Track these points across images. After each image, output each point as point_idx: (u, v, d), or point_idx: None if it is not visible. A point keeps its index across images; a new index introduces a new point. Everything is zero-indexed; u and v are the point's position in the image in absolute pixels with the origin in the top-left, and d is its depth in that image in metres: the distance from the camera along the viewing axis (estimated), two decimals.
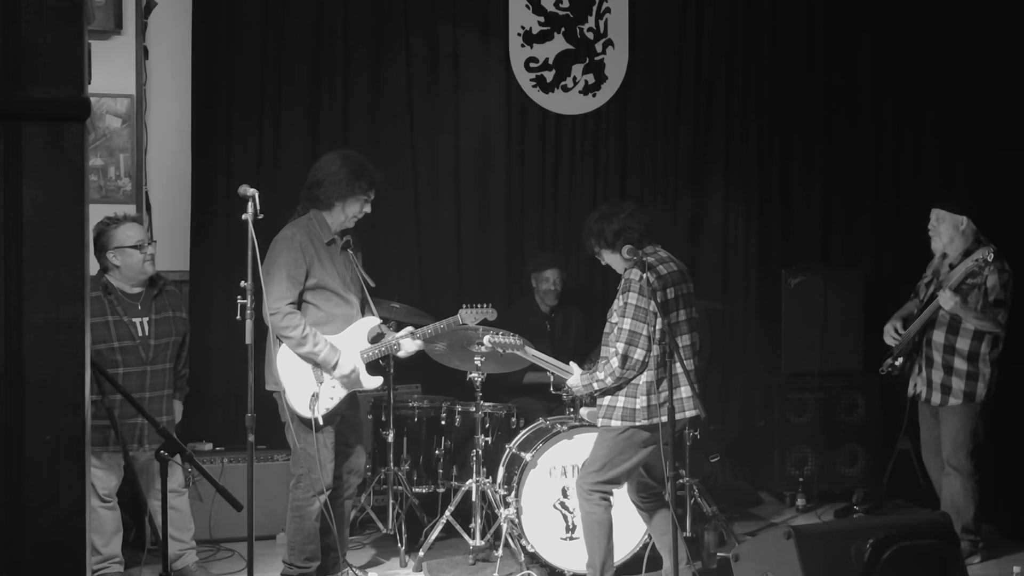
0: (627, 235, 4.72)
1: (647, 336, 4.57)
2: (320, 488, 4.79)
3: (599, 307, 6.82)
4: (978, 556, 5.51)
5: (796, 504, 6.59)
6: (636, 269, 4.60)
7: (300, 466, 4.82)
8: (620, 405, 4.63)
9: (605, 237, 4.77)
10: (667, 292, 4.64)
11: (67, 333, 2.32)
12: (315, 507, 4.83)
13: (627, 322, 4.58)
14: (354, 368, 4.82)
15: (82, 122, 2.35)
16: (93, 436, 4.47)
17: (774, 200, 7.15)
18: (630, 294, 4.61)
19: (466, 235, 6.79)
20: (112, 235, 4.92)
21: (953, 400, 5.53)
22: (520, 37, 6.77)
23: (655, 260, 4.70)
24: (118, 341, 4.89)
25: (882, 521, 5.66)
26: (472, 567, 5.43)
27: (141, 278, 5.00)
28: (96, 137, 6.06)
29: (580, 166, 6.93)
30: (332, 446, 4.85)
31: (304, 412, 4.76)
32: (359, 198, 4.88)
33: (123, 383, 4.71)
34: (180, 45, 6.30)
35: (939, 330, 5.54)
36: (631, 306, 4.59)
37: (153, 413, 4.82)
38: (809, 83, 7.13)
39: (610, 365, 4.61)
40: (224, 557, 5.66)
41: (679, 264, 4.84)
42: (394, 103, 6.63)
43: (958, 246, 5.54)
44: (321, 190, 4.86)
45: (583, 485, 4.78)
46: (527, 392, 6.22)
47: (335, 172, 4.84)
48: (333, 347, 4.78)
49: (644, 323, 4.57)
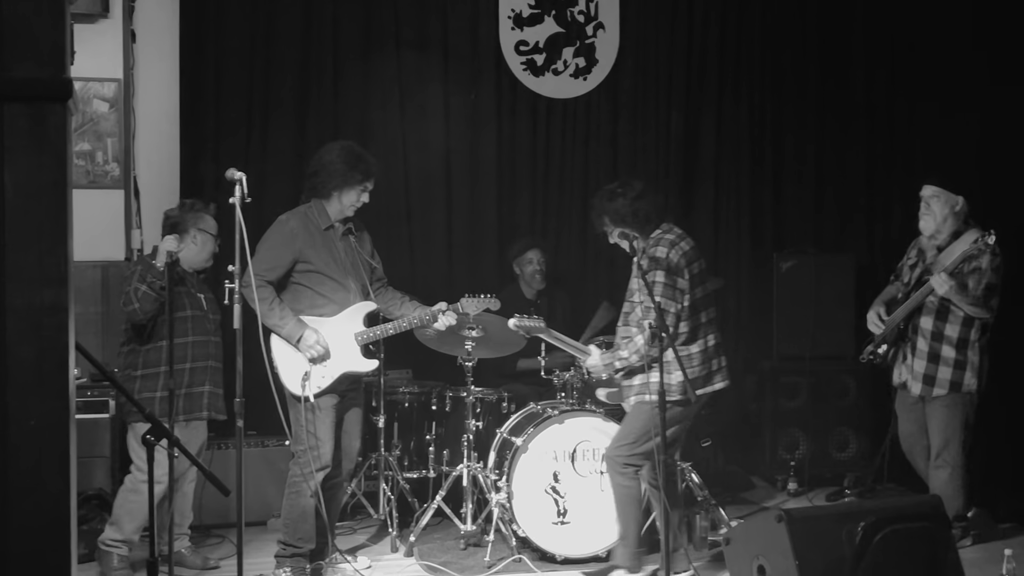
0: (642, 214, 4.77)
1: (675, 313, 4.63)
2: (319, 465, 4.86)
3: (588, 290, 6.85)
4: (969, 539, 5.49)
5: (787, 488, 6.59)
6: (662, 247, 4.67)
7: (300, 443, 4.89)
8: (653, 381, 4.59)
9: (622, 215, 4.80)
10: (692, 267, 4.73)
11: (50, 316, 2.30)
12: (313, 483, 4.87)
13: (657, 300, 4.56)
14: (319, 344, 4.85)
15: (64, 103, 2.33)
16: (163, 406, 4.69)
17: (766, 184, 7.13)
18: (658, 272, 4.65)
19: (457, 219, 6.77)
20: (202, 217, 5.19)
21: (938, 390, 5.38)
22: (511, 20, 6.74)
23: (675, 237, 4.79)
24: (190, 310, 5.14)
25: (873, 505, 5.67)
26: (463, 552, 5.42)
27: (205, 264, 5.30)
28: (83, 122, 6.02)
29: (571, 149, 6.91)
30: (331, 424, 4.93)
31: (296, 390, 4.86)
32: (355, 188, 4.98)
33: (192, 351, 5.09)
34: (168, 29, 6.27)
35: (927, 316, 5.39)
36: (659, 284, 4.63)
37: (214, 384, 5.19)
38: (801, 67, 7.10)
39: (635, 343, 4.66)
40: (214, 543, 5.63)
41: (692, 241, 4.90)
42: (384, 87, 6.60)
43: (949, 226, 5.39)
44: (319, 179, 4.99)
45: (616, 459, 4.82)
46: (518, 377, 6.21)
47: (331, 162, 4.97)
48: (299, 322, 4.87)
49: (672, 300, 4.62)
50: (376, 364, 5.14)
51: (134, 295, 4.92)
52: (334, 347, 4.93)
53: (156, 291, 4.87)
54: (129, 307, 4.95)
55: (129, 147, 6.17)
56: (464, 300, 5.20)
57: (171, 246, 5.02)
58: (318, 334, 4.86)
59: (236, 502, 4.17)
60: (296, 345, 4.85)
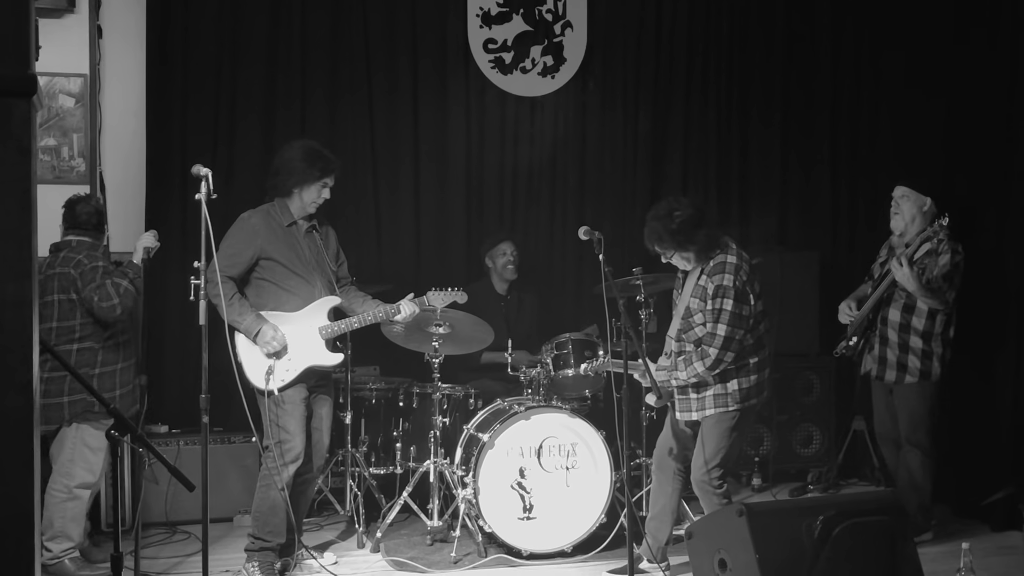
0: (703, 239, 4.69)
1: (739, 340, 4.64)
2: (291, 457, 4.90)
3: (556, 288, 6.88)
4: (930, 533, 5.58)
5: (752, 483, 6.66)
6: (728, 275, 4.63)
7: (271, 437, 4.90)
8: (733, 389, 4.70)
9: (681, 241, 4.70)
10: (755, 288, 4.72)
11: (13, 311, 2.29)
12: (285, 475, 4.90)
13: (722, 328, 4.61)
14: (275, 340, 4.88)
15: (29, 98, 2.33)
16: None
17: (732, 182, 7.17)
18: (726, 300, 4.63)
19: (425, 216, 6.77)
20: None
21: (909, 378, 5.54)
22: (479, 18, 6.75)
23: (737, 260, 4.70)
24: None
25: (832, 499, 5.77)
26: (430, 547, 5.45)
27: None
28: (49, 117, 5.98)
29: (539, 148, 6.93)
30: (301, 417, 4.96)
31: (260, 384, 4.89)
32: (315, 184, 5.05)
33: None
34: (135, 24, 6.23)
35: (894, 308, 5.55)
36: (726, 312, 4.63)
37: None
38: (768, 66, 7.15)
39: (694, 368, 4.67)
40: (180, 539, 5.63)
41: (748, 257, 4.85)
42: (352, 84, 6.59)
43: (918, 226, 5.55)
44: (280, 178, 5.08)
45: (710, 483, 4.76)
46: (486, 373, 6.23)
47: (291, 160, 5.06)
48: (258, 317, 4.91)
49: (738, 328, 4.63)
50: (341, 358, 5.16)
51: (114, 290, 4.86)
52: (298, 342, 4.95)
53: (137, 288, 4.87)
54: (108, 303, 4.87)
55: (95, 143, 6.13)
56: (431, 294, 5.27)
57: (148, 242, 5.00)
58: (276, 330, 4.90)
59: (202, 498, 4.18)
60: (254, 340, 4.89)
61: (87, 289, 4.90)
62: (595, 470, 5.37)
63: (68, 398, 4.93)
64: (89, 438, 4.98)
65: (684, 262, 4.79)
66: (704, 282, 4.68)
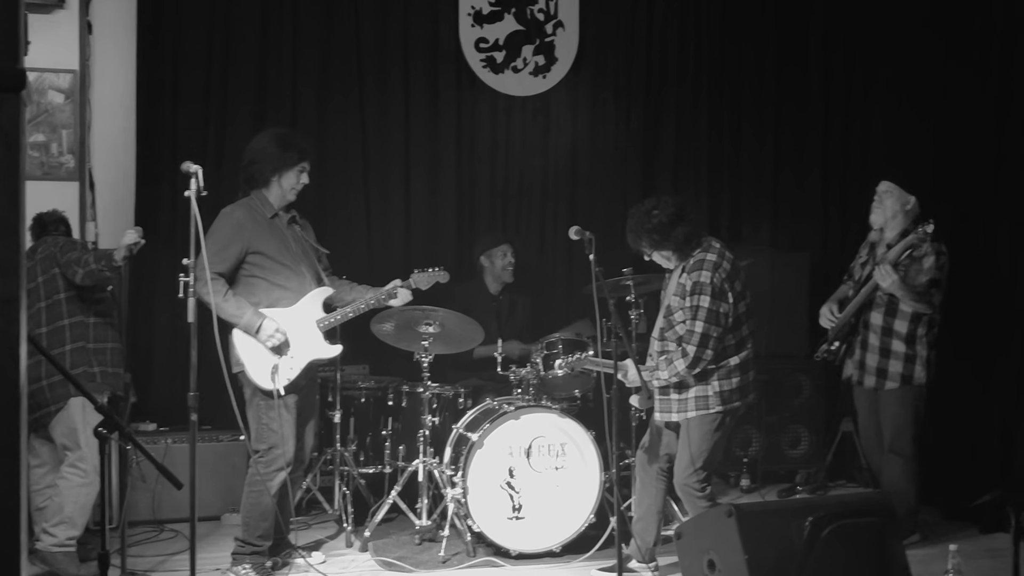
0: (682, 236, 4.66)
1: (717, 337, 4.60)
2: (282, 464, 4.84)
3: (546, 285, 6.88)
4: (917, 535, 5.58)
5: (740, 485, 6.66)
6: (706, 271, 4.59)
7: (263, 442, 4.85)
8: (714, 391, 4.67)
9: (658, 240, 4.69)
10: (735, 286, 4.67)
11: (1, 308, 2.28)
12: (275, 482, 4.87)
13: (699, 325, 4.58)
14: (278, 333, 4.83)
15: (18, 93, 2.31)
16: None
17: (723, 183, 7.18)
18: (702, 297, 4.59)
19: (415, 215, 6.77)
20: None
21: (891, 384, 5.51)
22: (471, 17, 6.74)
23: (717, 258, 4.65)
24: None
25: (822, 500, 5.76)
26: (418, 547, 5.43)
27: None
28: (38, 112, 5.96)
29: (530, 147, 6.93)
30: (293, 423, 4.91)
31: (266, 384, 4.82)
32: (293, 169, 4.98)
33: (96, 332, 5.00)
34: (125, 19, 6.22)
35: (876, 312, 5.51)
36: (703, 309, 4.59)
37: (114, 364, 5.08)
38: (759, 66, 7.16)
39: (675, 367, 4.64)
40: (168, 538, 5.61)
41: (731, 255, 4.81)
42: (343, 81, 6.58)
43: (899, 224, 5.51)
44: (255, 168, 4.99)
45: (693, 486, 4.71)
46: (476, 372, 6.22)
47: (264, 148, 4.98)
48: (257, 312, 4.84)
49: (716, 325, 4.59)
50: (340, 349, 5.11)
51: (80, 265, 4.85)
52: (297, 336, 4.92)
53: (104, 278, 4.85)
54: (72, 273, 4.86)
55: (84, 139, 6.11)
56: (415, 275, 5.25)
57: (131, 239, 4.99)
58: (276, 322, 4.84)
59: (190, 496, 4.16)
60: (255, 335, 4.82)
61: (65, 257, 4.93)
62: (584, 470, 5.37)
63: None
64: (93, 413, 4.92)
65: (665, 260, 4.79)
66: (684, 279, 4.67)
